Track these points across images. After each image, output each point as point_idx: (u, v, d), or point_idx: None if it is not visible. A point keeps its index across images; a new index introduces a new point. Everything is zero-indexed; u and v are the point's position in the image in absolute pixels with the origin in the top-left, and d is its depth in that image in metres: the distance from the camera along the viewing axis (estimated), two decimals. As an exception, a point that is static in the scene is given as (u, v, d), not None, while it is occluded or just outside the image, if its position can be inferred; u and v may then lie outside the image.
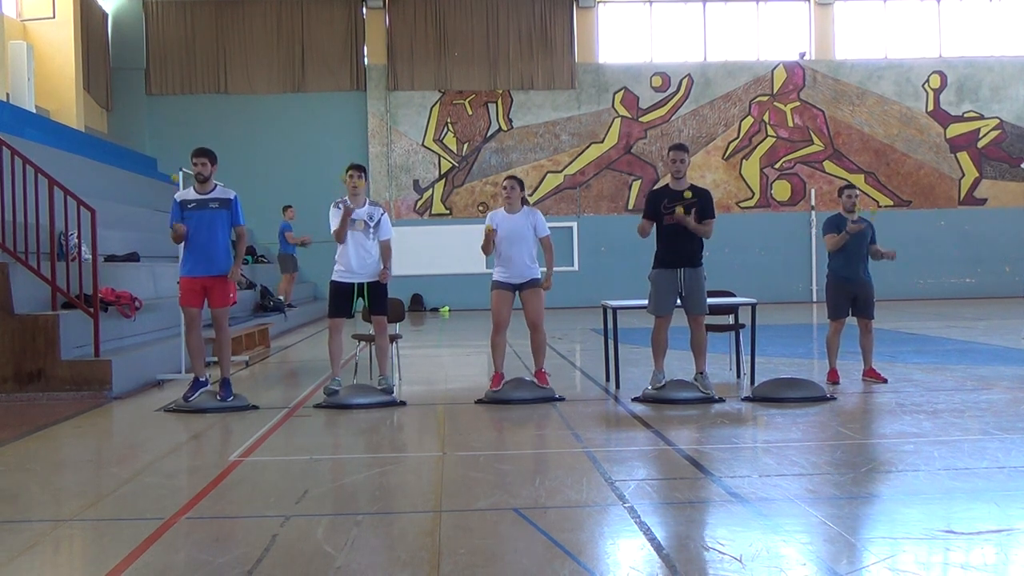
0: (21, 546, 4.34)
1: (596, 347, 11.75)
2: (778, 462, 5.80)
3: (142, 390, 9.31)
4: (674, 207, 7.90)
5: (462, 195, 23.15)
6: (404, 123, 23.07)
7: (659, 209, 8.00)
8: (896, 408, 7.75)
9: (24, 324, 8.70)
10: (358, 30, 23.01)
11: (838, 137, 23.57)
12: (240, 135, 22.25)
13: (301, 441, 6.84)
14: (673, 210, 7.89)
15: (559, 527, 4.46)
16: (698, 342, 8.15)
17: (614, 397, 8.53)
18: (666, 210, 7.94)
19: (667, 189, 8.13)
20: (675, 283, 8.01)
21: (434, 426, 7.46)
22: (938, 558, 4.05)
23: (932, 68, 23.68)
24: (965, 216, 23.64)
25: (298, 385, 10.10)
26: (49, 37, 18.32)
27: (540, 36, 23.15)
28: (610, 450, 6.40)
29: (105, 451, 7.01)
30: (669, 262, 8.03)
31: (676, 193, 8.03)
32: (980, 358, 10.90)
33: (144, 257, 12.45)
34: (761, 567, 3.87)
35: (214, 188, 8.11)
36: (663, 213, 7.96)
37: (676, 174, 8.06)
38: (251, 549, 4.20)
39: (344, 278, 8.20)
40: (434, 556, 4.06)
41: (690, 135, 23.31)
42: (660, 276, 8.09)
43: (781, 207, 23.46)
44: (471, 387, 9.19)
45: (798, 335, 15.15)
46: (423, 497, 5.16)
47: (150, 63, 22.63)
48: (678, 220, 7.85)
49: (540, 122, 23.25)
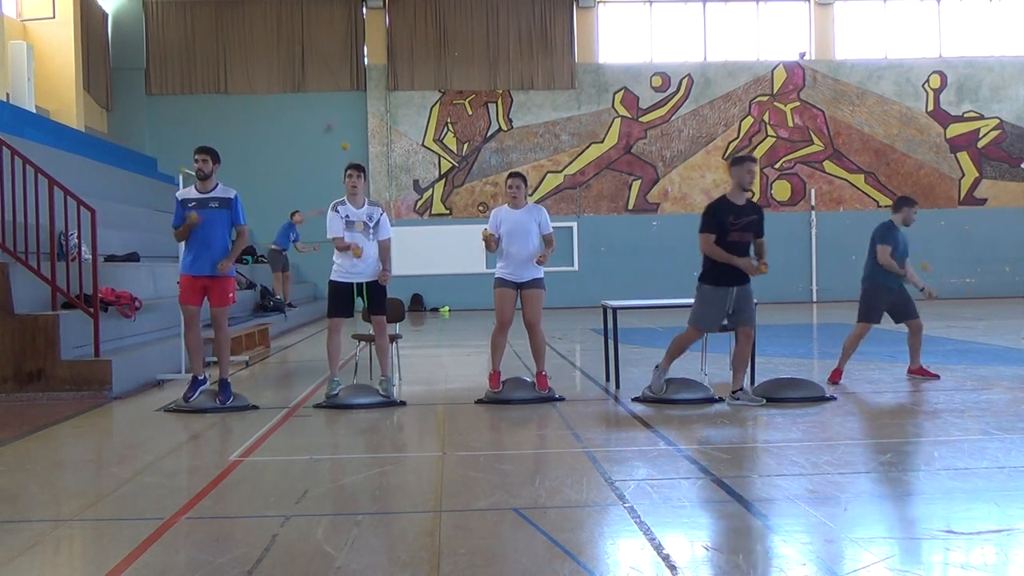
0: (21, 546, 4.34)
1: (596, 347, 11.75)
2: (778, 462, 5.80)
3: (142, 390, 9.31)
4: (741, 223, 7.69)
5: (462, 195, 23.15)
6: (404, 123, 23.07)
7: (725, 224, 7.70)
8: (896, 408, 7.74)
9: (24, 324, 8.70)
10: (358, 30, 23.01)
11: (838, 137, 23.58)
12: (240, 135, 22.26)
13: (301, 441, 6.83)
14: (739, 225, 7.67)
15: (559, 527, 4.45)
16: (742, 356, 7.94)
17: (614, 397, 8.53)
18: (733, 226, 7.69)
19: (727, 203, 7.84)
20: (726, 301, 7.79)
21: (434, 426, 7.46)
22: (938, 558, 4.04)
23: (932, 68, 23.69)
24: (965, 216, 23.64)
25: (298, 385, 10.10)
26: (49, 37, 18.33)
27: (540, 36, 23.15)
28: (610, 450, 6.40)
29: (105, 451, 7.01)
30: (724, 280, 7.76)
31: (739, 208, 7.77)
32: (980, 358, 10.90)
33: (144, 257, 12.45)
34: (761, 567, 3.87)
35: (215, 187, 8.10)
36: (729, 229, 7.68)
37: (748, 187, 7.86)
38: (251, 549, 4.20)
39: (343, 278, 8.19)
40: (434, 556, 4.06)
41: (690, 135, 23.33)
42: (713, 293, 7.79)
43: (781, 207, 23.46)
44: (471, 387, 9.19)
45: (798, 335, 15.15)
46: (423, 497, 5.16)
47: (150, 63, 22.64)
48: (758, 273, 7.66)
49: (540, 122, 23.26)
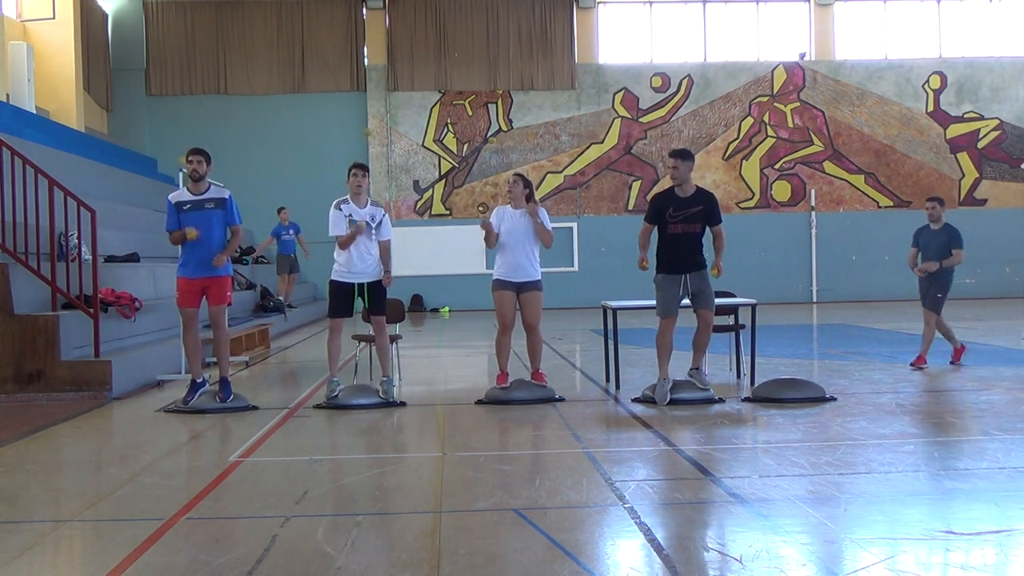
0: (21, 546, 4.34)
1: (596, 347, 11.75)
2: (778, 462, 5.80)
3: (142, 390, 9.31)
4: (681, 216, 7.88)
5: (462, 195, 23.15)
6: (404, 123, 23.07)
7: (664, 216, 7.94)
8: (896, 408, 7.75)
9: (24, 325, 8.69)
10: (358, 30, 23.01)
11: (838, 138, 23.57)
12: (240, 135, 22.27)
13: (301, 442, 6.83)
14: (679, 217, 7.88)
15: (559, 528, 4.46)
16: (702, 341, 8.09)
17: (614, 398, 8.53)
18: (672, 218, 7.90)
19: (673, 196, 8.03)
20: (681, 286, 7.96)
21: (434, 427, 7.46)
22: (938, 558, 4.05)
23: (932, 68, 23.69)
24: (965, 217, 23.54)
25: (298, 385, 10.10)
26: (49, 37, 18.32)
27: (540, 36, 23.15)
28: (610, 450, 6.40)
29: (105, 452, 7.01)
30: (674, 268, 7.96)
31: (682, 200, 7.95)
32: (980, 358, 10.90)
33: (144, 257, 12.45)
34: (761, 567, 3.87)
35: (208, 188, 8.10)
36: (668, 221, 7.91)
37: (676, 181, 8.00)
38: (251, 550, 4.20)
39: (344, 278, 8.19)
40: (434, 557, 4.06)
41: (690, 136, 23.32)
42: (665, 280, 8.01)
43: (781, 208, 23.46)
44: (471, 388, 9.19)
45: (798, 335, 15.15)
46: (423, 498, 5.16)
47: (150, 63, 22.64)
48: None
49: (540, 122, 23.26)
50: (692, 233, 7.93)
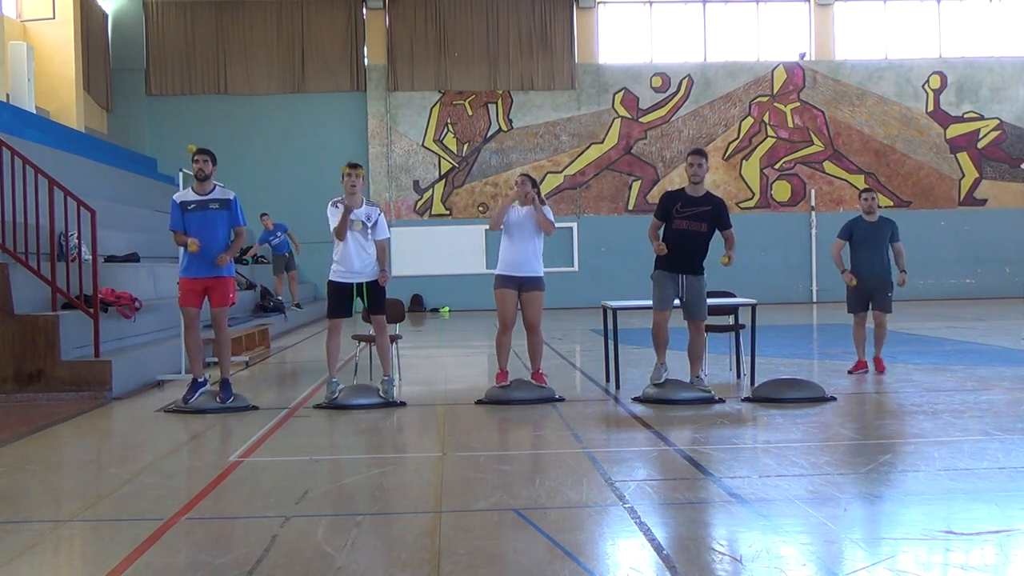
0: (21, 546, 4.34)
1: (596, 347, 11.75)
2: (778, 462, 5.80)
3: (142, 390, 9.31)
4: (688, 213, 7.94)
5: (462, 196, 23.15)
6: (404, 123, 23.07)
7: (671, 212, 8.01)
8: (896, 408, 7.75)
9: (24, 325, 8.69)
10: (358, 30, 23.02)
11: (838, 138, 23.58)
12: (240, 135, 22.27)
13: (301, 442, 6.83)
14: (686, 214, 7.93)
15: (559, 528, 4.45)
16: (696, 349, 8.16)
17: (614, 397, 8.53)
18: (678, 214, 7.97)
19: (683, 194, 8.13)
20: (676, 284, 8.04)
21: (434, 427, 7.46)
22: (938, 558, 4.05)
23: (932, 68, 23.69)
24: (965, 217, 23.64)
25: (298, 386, 10.10)
26: (49, 37, 18.32)
27: (540, 36, 23.15)
28: (610, 450, 6.40)
29: (105, 452, 7.01)
30: (671, 267, 8.04)
31: (691, 199, 8.02)
32: (980, 359, 10.90)
33: (144, 257, 12.45)
34: (761, 567, 3.87)
35: (213, 188, 8.10)
36: (674, 216, 7.99)
37: (694, 179, 8.05)
38: (251, 550, 4.20)
39: (343, 278, 8.18)
40: (434, 557, 4.06)
41: (690, 136, 23.32)
42: (661, 276, 8.10)
43: (781, 208, 23.47)
44: (471, 388, 9.19)
45: (798, 335, 15.16)
46: (423, 498, 5.16)
47: (150, 63, 22.64)
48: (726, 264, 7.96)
49: (540, 122, 23.26)
50: (696, 232, 7.95)
